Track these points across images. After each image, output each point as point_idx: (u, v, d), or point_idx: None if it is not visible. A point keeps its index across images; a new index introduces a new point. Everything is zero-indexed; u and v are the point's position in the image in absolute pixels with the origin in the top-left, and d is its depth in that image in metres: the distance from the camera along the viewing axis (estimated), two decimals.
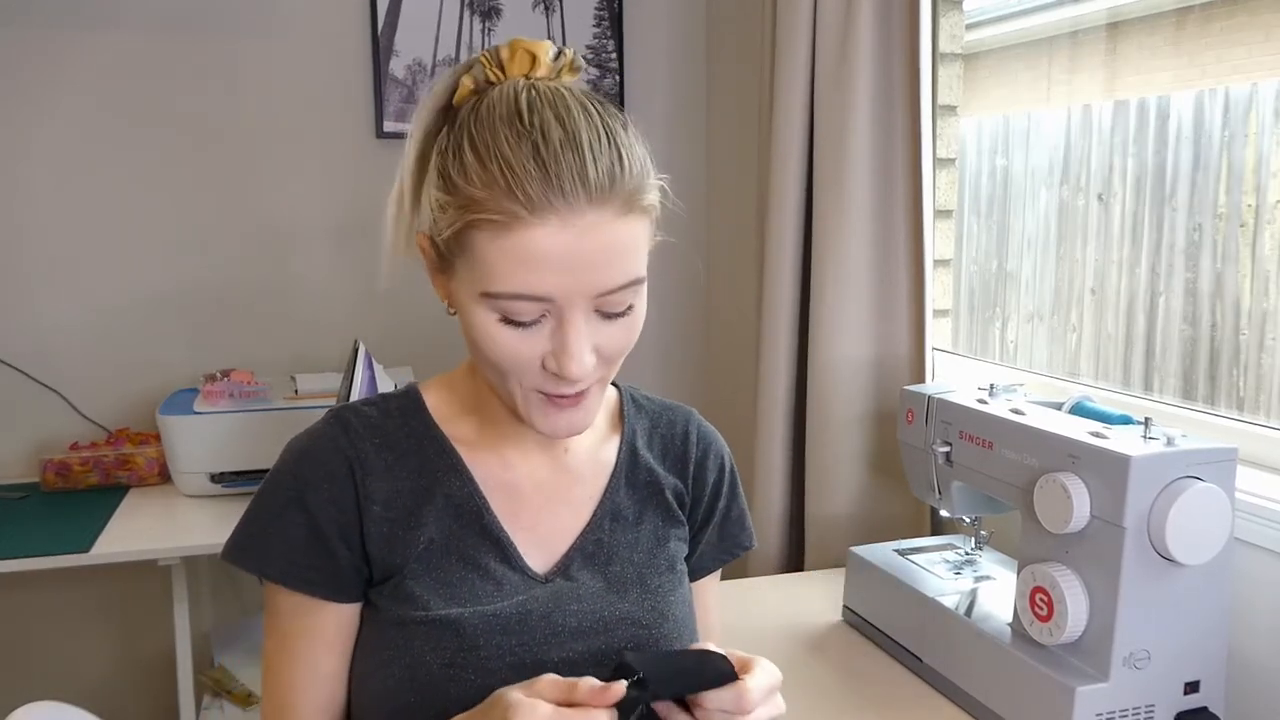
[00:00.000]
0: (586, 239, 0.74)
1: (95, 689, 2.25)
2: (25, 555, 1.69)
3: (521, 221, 0.73)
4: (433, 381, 0.93)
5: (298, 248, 2.27)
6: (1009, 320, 1.90)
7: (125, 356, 2.19)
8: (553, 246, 0.73)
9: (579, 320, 0.76)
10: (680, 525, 0.96)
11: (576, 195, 0.73)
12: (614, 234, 0.75)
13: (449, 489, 0.87)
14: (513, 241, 0.73)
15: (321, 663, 0.86)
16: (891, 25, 1.67)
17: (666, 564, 0.93)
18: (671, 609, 0.90)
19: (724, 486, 1.00)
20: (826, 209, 1.73)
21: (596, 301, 0.77)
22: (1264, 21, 1.45)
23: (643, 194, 0.78)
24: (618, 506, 0.92)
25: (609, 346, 0.80)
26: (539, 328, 0.77)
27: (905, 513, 1.75)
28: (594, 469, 0.93)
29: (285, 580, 0.84)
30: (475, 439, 0.90)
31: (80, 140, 2.13)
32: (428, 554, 0.85)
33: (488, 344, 0.78)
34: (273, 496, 0.86)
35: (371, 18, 2.23)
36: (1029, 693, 1.10)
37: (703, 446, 0.99)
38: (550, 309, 0.76)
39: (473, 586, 0.85)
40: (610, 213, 0.75)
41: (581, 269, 0.74)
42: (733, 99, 2.37)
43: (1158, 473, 1.02)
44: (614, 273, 0.76)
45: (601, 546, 0.91)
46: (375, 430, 0.87)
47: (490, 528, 0.87)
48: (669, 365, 2.53)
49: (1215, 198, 1.49)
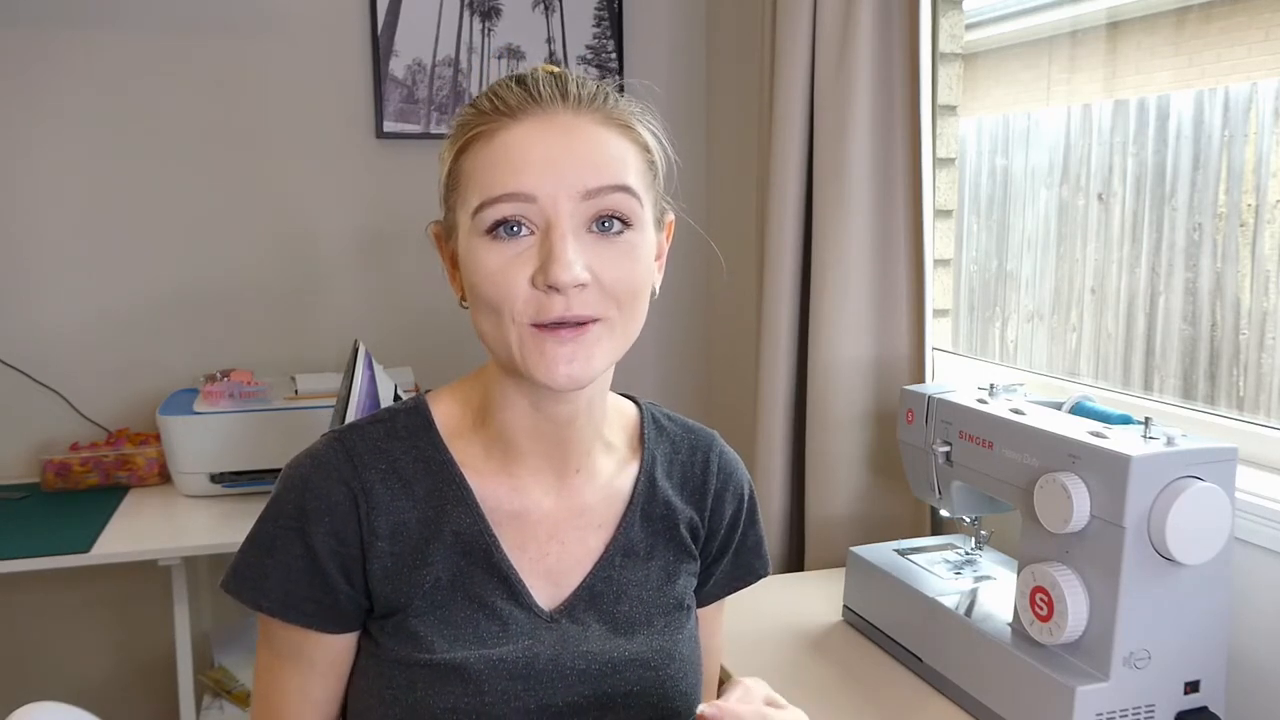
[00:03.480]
0: (566, 136, 0.77)
1: (95, 689, 2.25)
2: (25, 555, 1.69)
3: (501, 126, 0.77)
4: (442, 392, 0.90)
5: (298, 247, 2.27)
6: (1009, 320, 1.90)
7: (125, 356, 2.19)
8: (530, 141, 0.76)
9: (564, 225, 0.76)
10: (692, 560, 0.94)
11: (554, 101, 0.78)
12: (594, 136, 0.78)
13: (457, 525, 0.84)
14: (493, 146, 0.77)
15: (315, 689, 0.85)
16: (891, 25, 1.67)
17: (675, 601, 0.91)
18: (678, 648, 0.89)
19: (742, 517, 0.97)
20: (826, 209, 1.73)
21: (584, 208, 0.76)
22: (1264, 21, 1.45)
23: (629, 122, 0.81)
24: (631, 542, 0.89)
25: (606, 273, 0.77)
26: (528, 247, 0.76)
27: (905, 513, 1.75)
28: (608, 496, 0.90)
29: (281, 614, 0.82)
30: (484, 461, 0.86)
31: (80, 140, 2.13)
32: (434, 592, 0.82)
33: (483, 276, 0.77)
34: (273, 526, 0.83)
35: (371, 18, 2.23)
36: (1029, 693, 1.10)
37: (723, 478, 0.96)
38: (533, 215, 0.76)
39: (478, 627, 0.82)
40: (589, 119, 0.79)
41: (560, 165, 0.76)
42: (733, 99, 2.37)
43: (1158, 472, 1.02)
44: (596, 172, 0.77)
45: (611, 584, 0.88)
46: (381, 455, 0.84)
47: (499, 565, 0.84)
48: (669, 365, 2.53)
49: (1215, 197, 1.49)
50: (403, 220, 2.31)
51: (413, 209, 2.31)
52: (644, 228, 0.80)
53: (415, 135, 2.29)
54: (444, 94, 2.30)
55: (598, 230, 0.77)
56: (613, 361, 0.82)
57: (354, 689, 0.85)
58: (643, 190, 0.80)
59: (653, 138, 0.84)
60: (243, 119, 2.21)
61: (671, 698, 0.87)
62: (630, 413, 0.95)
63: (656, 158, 0.84)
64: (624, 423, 0.94)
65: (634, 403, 0.96)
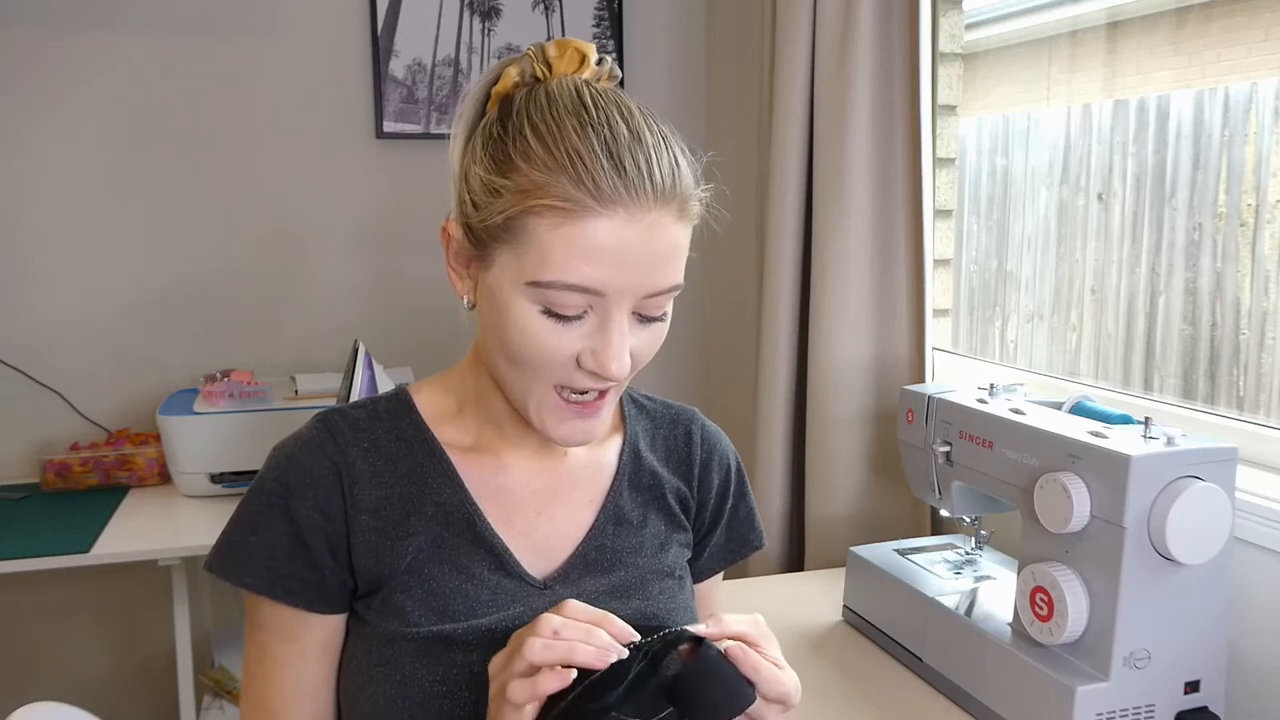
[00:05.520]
0: (647, 237, 0.74)
1: (95, 689, 2.25)
2: (25, 555, 1.69)
3: (589, 211, 0.72)
4: (424, 383, 0.91)
5: (298, 248, 2.27)
6: (1009, 320, 1.90)
7: (125, 356, 2.19)
8: (616, 240, 0.73)
9: (623, 318, 0.76)
10: (683, 530, 0.95)
11: (645, 192, 0.73)
12: (672, 235, 0.76)
13: (439, 496, 0.84)
14: (577, 230, 0.72)
15: (307, 675, 0.84)
16: (891, 25, 1.67)
17: (668, 569, 0.91)
18: (673, 616, 0.89)
19: (730, 487, 0.98)
20: (826, 209, 1.73)
21: (640, 303, 0.76)
22: (1264, 21, 1.45)
23: (692, 202, 0.79)
24: (621, 510, 0.90)
25: (639, 351, 0.79)
26: (579, 323, 0.76)
27: (905, 513, 1.75)
28: (593, 471, 0.91)
29: (266, 590, 0.81)
30: (468, 441, 0.87)
31: (80, 141, 2.13)
32: (416, 564, 0.82)
33: (522, 337, 0.76)
34: (256, 504, 0.83)
35: (371, 18, 2.23)
36: (1029, 692, 1.10)
37: (707, 448, 0.97)
38: (595, 305, 0.75)
39: (465, 598, 0.82)
40: (670, 214, 0.76)
41: (636, 266, 0.74)
42: (733, 99, 2.37)
43: (1158, 472, 1.02)
44: (665, 275, 0.76)
45: (605, 552, 0.88)
46: (363, 434, 0.85)
47: (483, 535, 0.84)
48: (669, 365, 2.53)
49: (1215, 197, 1.49)
50: (403, 220, 2.31)
51: (413, 209, 2.31)
52: None
53: (415, 135, 2.29)
54: (444, 94, 2.30)
55: (642, 318, 0.78)
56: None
57: (345, 673, 0.85)
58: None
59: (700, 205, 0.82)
60: (243, 119, 2.21)
61: None
62: None
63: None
64: None
65: None
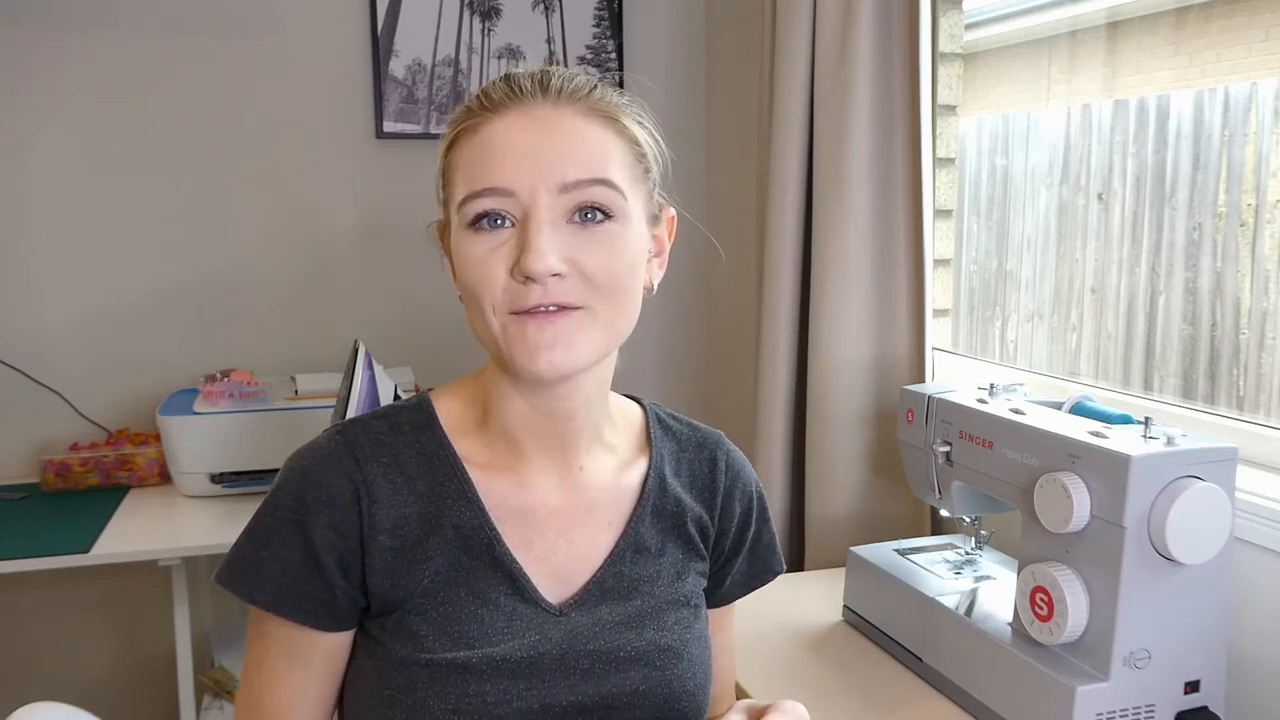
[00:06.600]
0: (545, 130, 0.78)
1: (95, 689, 2.25)
2: (25, 555, 1.69)
3: (486, 121, 0.79)
4: (445, 390, 0.89)
5: (298, 248, 2.27)
6: (1009, 320, 1.90)
7: (125, 356, 2.19)
8: (508, 137, 0.77)
9: (540, 217, 0.76)
10: (700, 559, 0.93)
11: (537, 95, 0.79)
12: (574, 128, 0.79)
13: (459, 519, 0.83)
14: (476, 139, 0.79)
15: (308, 688, 0.83)
16: (891, 25, 1.67)
17: (684, 599, 0.90)
18: (687, 647, 0.88)
19: (753, 516, 0.97)
20: (826, 209, 1.73)
21: (563, 200, 0.77)
22: (1264, 21, 1.45)
23: (614, 114, 0.81)
24: (641, 537, 0.88)
25: (587, 263, 0.77)
26: (508, 239, 0.77)
27: (905, 513, 1.75)
28: (614, 494, 0.89)
29: (276, 608, 0.80)
30: (488, 457, 0.86)
31: (80, 141, 2.13)
32: (433, 588, 0.81)
33: (466, 265, 0.78)
34: (271, 519, 0.82)
35: (371, 18, 2.23)
36: (1029, 692, 1.10)
37: (731, 476, 0.95)
38: (514, 210, 0.77)
39: (481, 624, 0.81)
40: (570, 111, 0.79)
41: (536, 158, 0.77)
42: (733, 99, 2.37)
43: (1158, 472, 1.02)
44: (574, 165, 0.77)
45: (623, 579, 0.87)
46: (384, 449, 0.83)
47: (501, 560, 0.83)
48: (669, 365, 2.53)
49: (1215, 197, 1.49)
50: (403, 220, 2.31)
51: (413, 209, 2.31)
52: (627, 220, 0.80)
53: (415, 135, 2.29)
54: (444, 94, 2.30)
55: (579, 221, 0.78)
56: (600, 354, 0.81)
57: (352, 689, 0.84)
58: (627, 183, 0.80)
59: (641, 129, 0.83)
60: (243, 119, 2.21)
61: (678, 698, 0.86)
62: (634, 413, 0.94)
63: (647, 150, 0.83)
64: (628, 422, 0.93)
65: (638, 403, 0.96)
